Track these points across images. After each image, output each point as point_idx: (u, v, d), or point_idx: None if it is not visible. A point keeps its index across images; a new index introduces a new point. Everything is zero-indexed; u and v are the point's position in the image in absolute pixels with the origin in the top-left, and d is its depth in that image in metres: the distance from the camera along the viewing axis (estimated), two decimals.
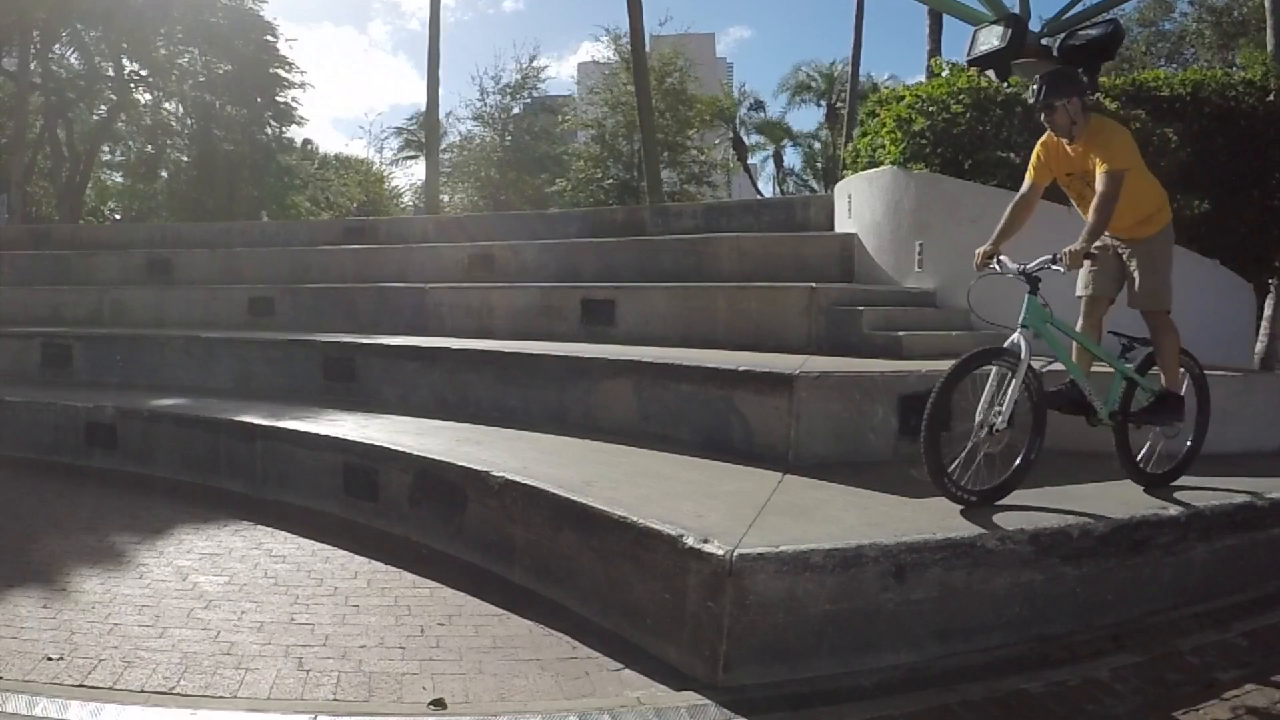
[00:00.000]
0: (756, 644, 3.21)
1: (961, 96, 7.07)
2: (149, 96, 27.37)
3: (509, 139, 33.59)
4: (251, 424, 5.98)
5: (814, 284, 6.49)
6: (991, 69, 7.32)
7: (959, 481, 3.83)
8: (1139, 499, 4.13)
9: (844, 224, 7.90)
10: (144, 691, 3.18)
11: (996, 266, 4.24)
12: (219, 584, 4.29)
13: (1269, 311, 10.58)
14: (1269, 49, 14.48)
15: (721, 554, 3.20)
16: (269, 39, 26.63)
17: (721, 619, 3.17)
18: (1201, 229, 6.98)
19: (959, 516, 3.69)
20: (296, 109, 28.71)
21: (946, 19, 17.58)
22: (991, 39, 7.19)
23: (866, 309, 6.15)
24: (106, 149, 29.22)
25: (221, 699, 3.15)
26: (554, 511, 4.03)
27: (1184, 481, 4.42)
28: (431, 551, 4.70)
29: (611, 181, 29.79)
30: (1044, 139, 4.50)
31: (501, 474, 4.38)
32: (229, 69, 26.01)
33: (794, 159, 42.94)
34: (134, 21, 23.49)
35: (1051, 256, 4.01)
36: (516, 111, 34.36)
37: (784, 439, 4.77)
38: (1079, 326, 4.49)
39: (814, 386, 4.77)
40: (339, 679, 3.31)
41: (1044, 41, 7.58)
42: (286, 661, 3.44)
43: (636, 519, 3.59)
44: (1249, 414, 5.42)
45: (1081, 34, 7.24)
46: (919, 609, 3.35)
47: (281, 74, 27.27)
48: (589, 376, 5.76)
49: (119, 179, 32.13)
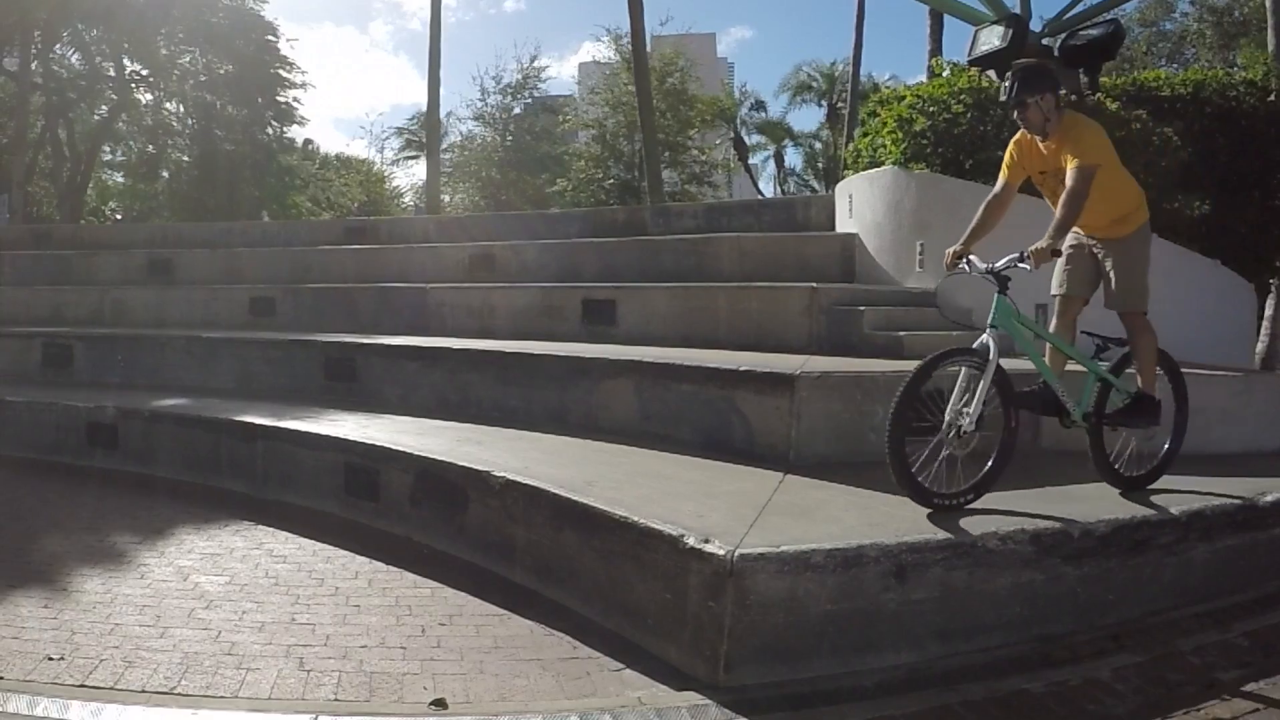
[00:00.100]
0: (757, 644, 3.20)
1: (962, 96, 7.08)
2: (150, 96, 27.39)
3: (510, 139, 33.56)
4: (253, 424, 5.98)
5: (815, 284, 6.49)
6: (992, 69, 7.30)
7: (925, 484, 3.74)
8: (1140, 499, 4.12)
9: (845, 224, 7.91)
10: (145, 691, 3.18)
11: (965, 266, 4.15)
12: (220, 584, 4.29)
13: (1270, 311, 10.59)
14: (1270, 49, 14.49)
15: (723, 554, 3.20)
16: (270, 39, 26.63)
17: (722, 619, 3.17)
18: (1202, 229, 7.00)
19: (960, 517, 3.68)
20: (297, 109, 28.76)
21: (947, 19, 17.60)
22: (992, 39, 7.17)
23: (867, 309, 6.15)
24: (107, 149, 29.24)
25: (222, 699, 3.15)
26: (555, 511, 4.03)
27: (1165, 484, 4.30)
28: (433, 551, 4.70)
29: (612, 181, 29.77)
30: (1017, 137, 4.39)
31: (503, 474, 4.38)
32: (230, 69, 26.00)
33: (795, 159, 43.06)
34: (135, 21, 23.49)
35: (1019, 255, 3.91)
36: (517, 111, 34.34)
37: (785, 439, 4.77)
38: (1052, 326, 4.40)
39: (815, 386, 4.77)
40: (340, 679, 3.31)
41: (1045, 41, 7.56)
42: (287, 661, 3.44)
43: (638, 519, 3.59)
44: (1250, 414, 5.42)
45: (1082, 34, 7.22)
46: (920, 609, 3.35)
47: (282, 74, 27.27)
48: (590, 376, 5.76)
49: (120, 179, 32.15)
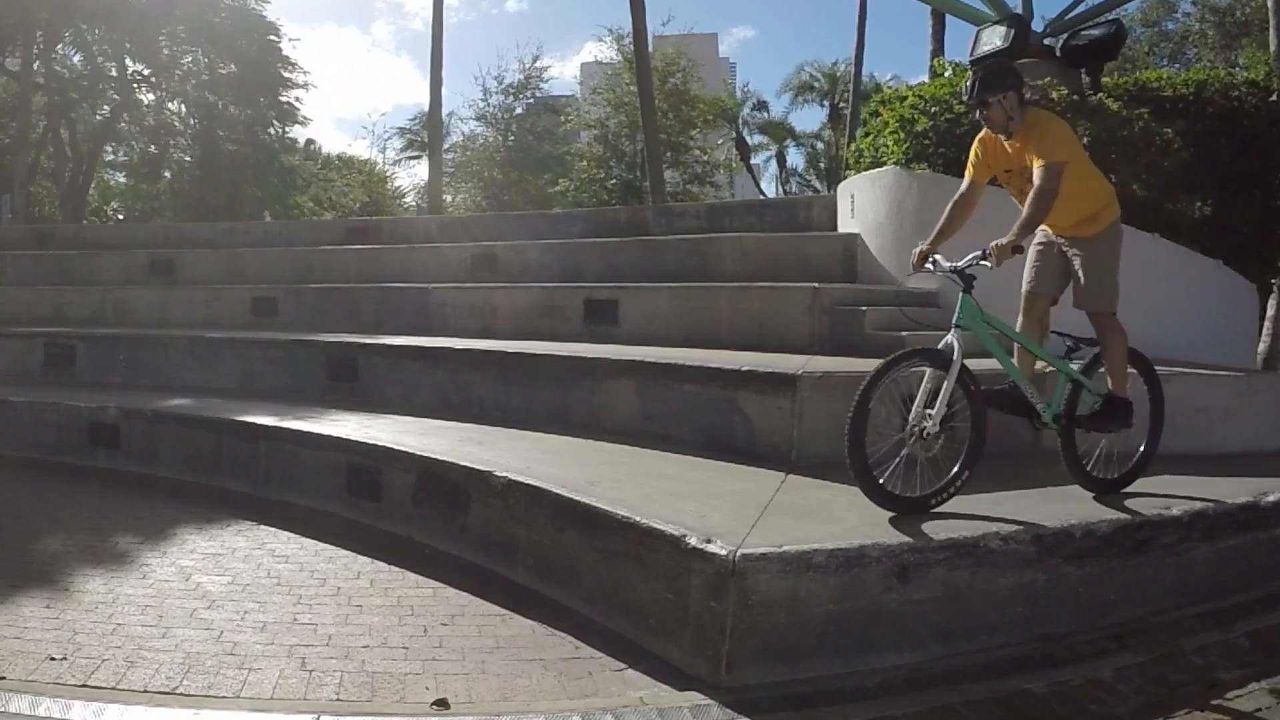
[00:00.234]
0: (759, 644, 3.21)
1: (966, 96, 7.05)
2: (152, 97, 27.33)
3: (512, 139, 33.54)
4: (255, 424, 5.98)
5: (817, 284, 6.48)
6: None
7: (886, 487, 3.69)
8: (1143, 498, 4.09)
9: (847, 224, 7.89)
10: (147, 691, 3.19)
11: (930, 266, 4.10)
12: (222, 584, 4.30)
13: (1271, 311, 10.54)
14: (1272, 49, 14.49)
15: (725, 554, 3.20)
16: (272, 39, 26.58)
17: (724, 619, 3.17)
18: (1204, 229, 6.99)
19: (962, 517, 3.67)
20: (299, 109, 28.71)
21: (949, 19, 17.60)
22: (994, 39, 7.16)
23: (869, 309, 6.14)
24: (109, 149, 29.19)
25: (224, 699, 3.16)
26: (557, 511, 4.04)
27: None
28: (434, 551, 4.70)
29: (614, 182, 29.72)
30: (981, 135, 4.34)
31: (504, 474, 4.38)
32: (232, 69, 25.97)
33: (797, 159, 42.98)
34: (137, 21, 23.46)
35: (981, 252, 3.85)
36: (519, 111, 34.28)
37: (787, 439, 4.77)
38: (1019, 324, 4.32)
39: (817, 386, 4.77)
40: (342, 679, 3.32)
41: (1047, 42, 7.57)
42: (289, 661, 3.45)
43: (640, 519, 3.59)
44: (1251, 414, 5.41)
45: (1084, 34, 7.23)
46: (922, 609, 3.35)
47: (285, 74, 27.23)
48: (592, 376, 5.76)
49: (122, 179, 32.11)
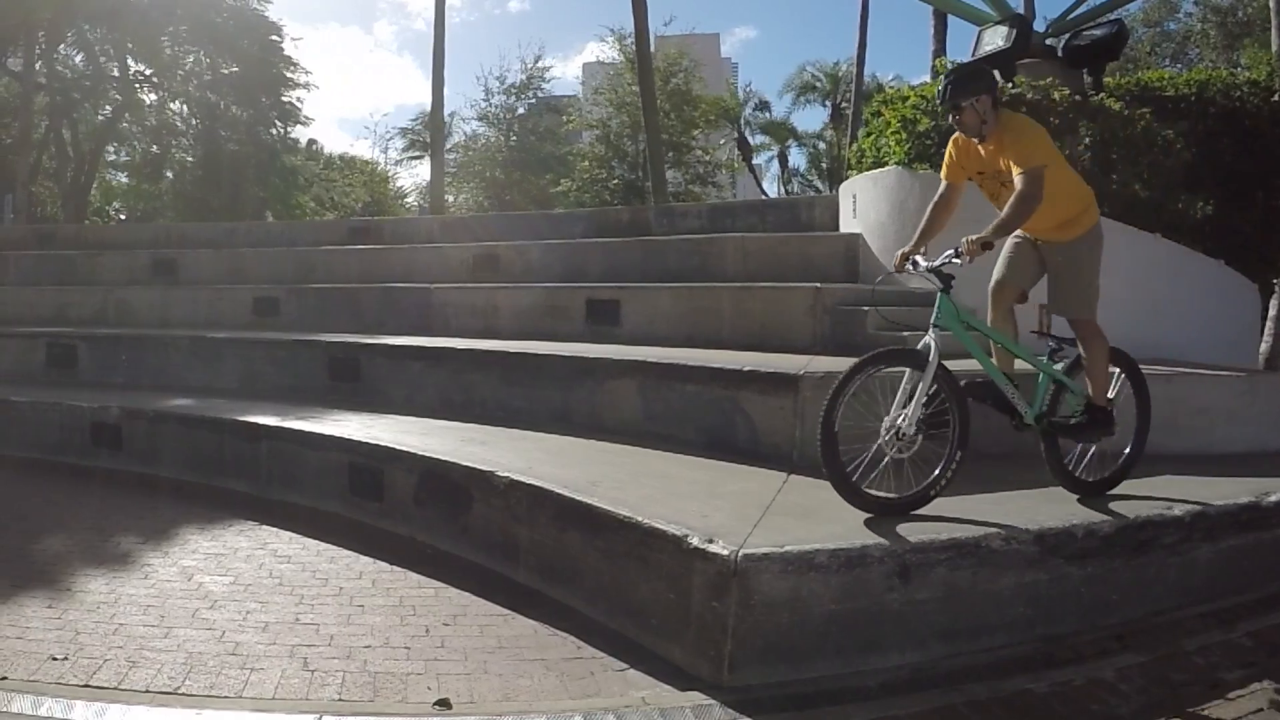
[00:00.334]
0: (761, 644, 3.21)
1: None
2: (154, 97, 27.36)
3: (514, 139, 33.56)
4: (256, 424, 5.99)
5: (819, 284, 6.47)
6: (996, 69, 7.31)
7: (862, 488, 3.65)
8: (1145, 499, 4.08)
9: (849, 224, 7.89)
10: (149, 691, 3.19)
11: (910, 268, 4.08)
12: (224, 584, 4.30)
13: (1274, 311, 10.54)
14: (1274, 49, 14.47)
15: (726, 554, 3.20)
16: (274, 39, 26.59)
17: (726, 619, 3.17)
18: (1206, 229, 6.98)
19: (964, 517, 3.66)
20: (301, 109, 28.76)
21: (951, 19, 17.58)
22: (996, 39, 7.17)
23: (871, 309, 6.13)
24: (111, 149, 29.22)
25: (226, 699, 3.17)
26: (559, 511, 4.04)
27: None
28: (436, 551, 4.71)
29: (616, 182, 29.73)
30: (955, 137, 4.29)
31: (506, 474, 4.38)
32: (234, 69, 25.99)
33: (799, 159, 42.99)
34: (139, 22, 23.49)
35: (954, 250, 3.83)
36: (521, 112, 34.29)
37: (789, 439, 4.77)
38: (989, 319, 4.24)
39: (819, 387, 4.75)
40: (344, 679, 3.32)
41: (1049, 42, 7.58)
42: (291, 661, 3.45)
43: (641, 519, 3.59)
44: (1254, 414, 5.39)
45: (1086, 34, 7.23)
46: (924, 609, 3.35)
47: (287, 74, 27.25)
48: (594, 376, 5.76)
49: (124, 179, 32.13)
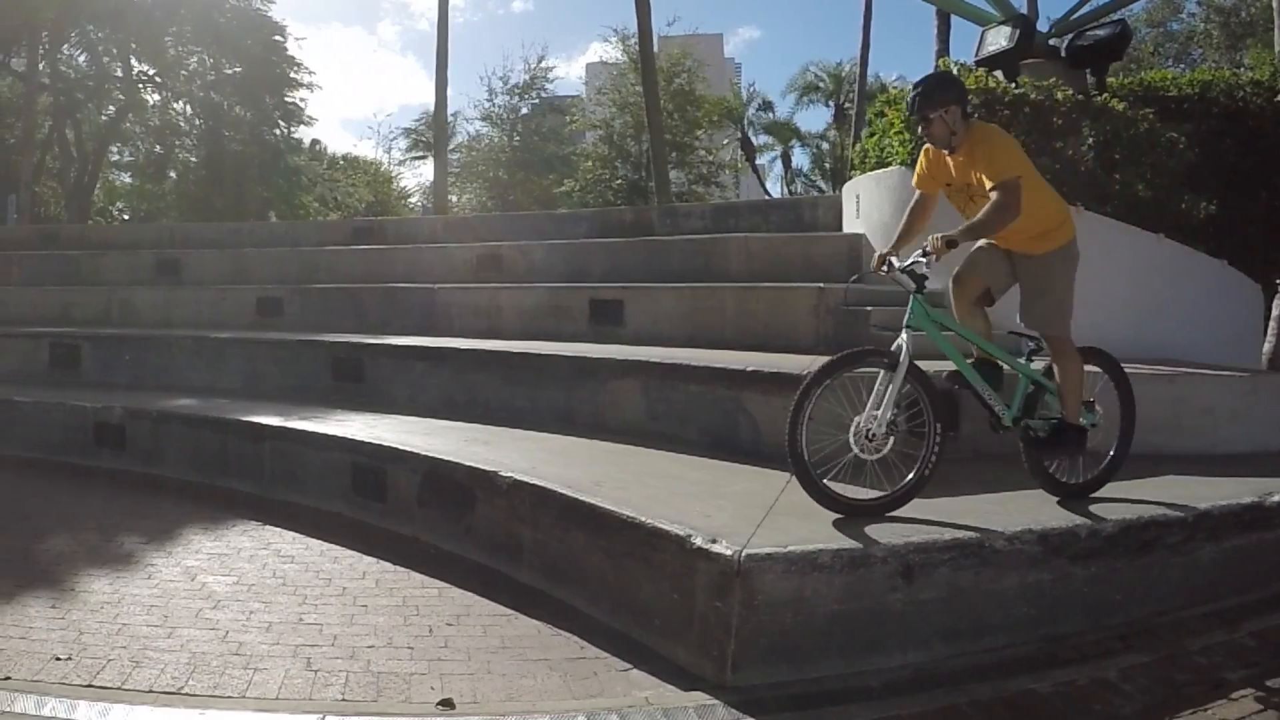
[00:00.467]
0: (764, 644, 3.21)
1: (969, 97, 7.04)
2: (157, 97, 27.38)
3: (517, 139, 33.56)
4: (260, 424, 6.00)
5: (822, 284, 6.47)
6: (1000, 69, 7.31)
7: (832, 490, 3.65)
8: (1147, 499, 4.08)
9: (852, 224, 7.89)
10: (152, 691, 3.20)
11: (885, 270, 4.01)
12: (227, 584, 4.31)
13: (1277, 312, 10.51)
14: (1277, 49, 14.45)
15: (730, 554, 3.20)
16: (278, 39, 26.59)
17: (730, 619, 3.17)
18: (1209, 229, 6.97)
19: (967, 517, 3.66)
20: (305, 109, 28.74)
21: (954, 20, 17.57)
22: (999, 39, 7.17)
23: (874, 309, 6.12)
24: (115, 149, 29.24)
25: (230, 699, 3.17)
26: (562, 511, 4.04)
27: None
28: (440, 551, 4.71)
29: (620, 182, 29.75)
30: (926, 147, 4.22)
31: (510, 474, 4.38)
32: (238, 69, 26.01)
33: (802, 159, 42.95)
34: (142, 22, 23.51)
35: (922, 249, 3.78)
36: (525, 112, 34.30)
37: None
38: (955, 313, 4.15)
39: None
40: (347, 679, 3.32)
41: (1052, 42, 7.57)
42: (295, 661, 3.46)
43: (645, 519, 3.59)
44: (1257, 414, 5.39)
45: (1089, 34, 7.24)
46: (927, 609, 3.35)
47: (290, 74, 27.25)
48: (597, 377, 5.76)
49: (127, 179, 32.15)
